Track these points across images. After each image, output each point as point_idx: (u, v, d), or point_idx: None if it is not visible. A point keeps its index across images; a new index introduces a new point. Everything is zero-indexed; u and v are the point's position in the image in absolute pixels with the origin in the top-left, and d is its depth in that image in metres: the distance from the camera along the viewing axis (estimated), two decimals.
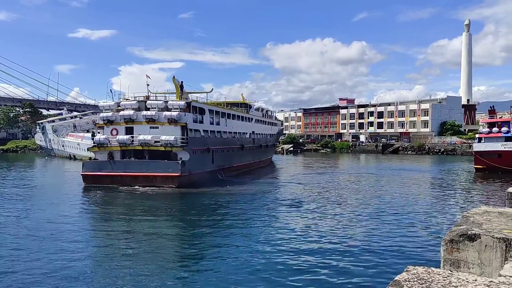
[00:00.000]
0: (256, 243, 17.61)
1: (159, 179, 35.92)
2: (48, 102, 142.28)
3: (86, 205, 28.75)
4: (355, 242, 17.58)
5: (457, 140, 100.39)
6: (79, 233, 19.78)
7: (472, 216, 5.73)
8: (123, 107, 40.06)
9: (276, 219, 23.25)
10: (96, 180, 36.97)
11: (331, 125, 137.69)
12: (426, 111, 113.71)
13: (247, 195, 32.28)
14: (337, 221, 22.11)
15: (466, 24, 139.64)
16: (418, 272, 3.33)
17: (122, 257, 15.68)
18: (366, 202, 28.65)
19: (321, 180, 43.11)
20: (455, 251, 4.36)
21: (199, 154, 39.92)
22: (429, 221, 22.13)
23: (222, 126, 47.92)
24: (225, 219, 23.25)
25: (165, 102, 39.82)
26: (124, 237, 18.79)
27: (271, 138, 72.44)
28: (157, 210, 26.20)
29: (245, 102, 63.61)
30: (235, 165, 50.22)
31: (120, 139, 38.17)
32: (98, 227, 21.93)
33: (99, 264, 14.97)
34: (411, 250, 16.35)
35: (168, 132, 37.75)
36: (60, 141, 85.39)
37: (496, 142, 50.43)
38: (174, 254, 16.67)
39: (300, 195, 31.94)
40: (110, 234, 19.76)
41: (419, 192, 34.47)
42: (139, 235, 19.12)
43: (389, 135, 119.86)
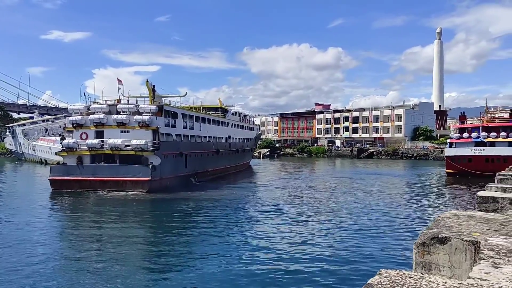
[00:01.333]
0: (227, 250, 17.37)
1: (129, 183, 35.43)
2: (19, 105, 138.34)
3: (52, 212, 27.87)
4: (329, 246, 17.72)
5: (430, 145, 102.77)
6: (44, 241, 19.04)
7: (443, 219, 5.86)
8: (93, 110, 39.47)
9: (249, 224, 23.12)
10: (64, 185, 36.19)
11: (307, 130, 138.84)
12: (399, 116, 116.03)
13: (220, 200, 32.02)
14: (311, 226, 22.23)
15: (437, 32, 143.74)
16: (390, 275, 3.37)
17: (89, 266, 15.16)
18: (340, 206, 28.95)
19: (296, 185, 43.33)
20: (427, 254, 4.43)
21: (171, 158, 39.54)
22: (402, 225, 22.53)
23: (196, 130, 47.61)
24: (195, 225, 22.89)
25: (136, 106, 39.41)
26: (91, 246, 18.08)
27: (249, 143, 72.41)
28: (126, 216, 25.53)
29: (221, 107, 63.47)
30: (210, 169, 49.88)
31: (90, 143, 37.57)
32: (64, 235, 21.16)
33: (66, 273, 14.47)
34: (384, 254, 16.60)
35: (139, 136, 37.34)
36: (31, 145, 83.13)
37: (467, 147, 51.87)
38: (143, 262, 16.19)
39: (275, 200, 32.00)
40: (77, 242, 19.09)
41: (392, 196, 35.06)
42: (106, 243, 18.51)
43: (364, 140, 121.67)
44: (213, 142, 52.79)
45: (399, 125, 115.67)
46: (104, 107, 39.40)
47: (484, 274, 3.51)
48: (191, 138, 46.37)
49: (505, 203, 8.10)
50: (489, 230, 5.22)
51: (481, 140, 51.44)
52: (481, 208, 8.04)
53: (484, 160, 49.79)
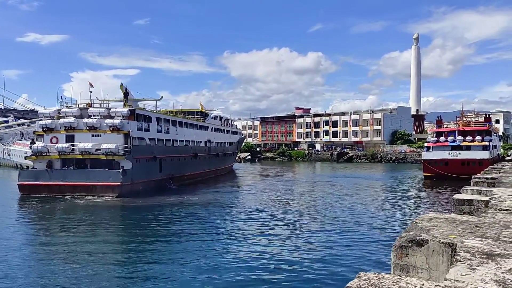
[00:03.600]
0: (200, 257, 17.00)
1: (99, 188, 34.95)
2: None
3: (18, 220, 26.74)
4: (308, 250, 17.75)
5: (407, 148, 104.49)
6: (7, 252, 17.89)
7: (421, 222, 5.94)
8: (64, 114, 38.84)
9: (225, 229, 22.91)
10: (33, 190, 35.50)
11: (287, 133, 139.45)
12: (378, 120, 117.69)
13: (195, 204, 31.67)
14: (289, 230, 22.18)
15: (415, 37, 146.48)
16: (369, 278, 3.39)
17: (57, 277, 14.49)
18: (319, 210, 29.10)
19: (276, 189, 43.39)
20: (405, 257, 4.48)
21: (144, 162, 39.13)
22: (380, 227, 22.79)
23: (172, 134, 47.21)
24: (166, 231, 22.42)
25: (107, 109, 38.97)
26: (58, 255, 17.15)
27: (231, 147, 72.14)
28: (95, 223, 24.74)
29: (201, 111, 63.17)
30: (188, 173, 49.48)
31: (59, 147, 36.97)
32: (31, 243, 20.29)
33: (36, 283, 13.90)
34: (363, 257, 16.74)
35: (110, 140, 36.90)
36: (6, 150, 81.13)
37: (443, 150, 52.95)
38: (112, 272, 15.32)
39: (254, 204, 31.96)
40: (43, 251, 18.18)
41: (371, 199, 35.46)
42: (74, 253, 17.63)
43: (343, 143, 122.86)
44: (191, 146, 52.43)
45: (377, 129, 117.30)
46: (75, 111, 38.82)
47: (461, 275, 3.57)
48: (167, 142, 45.96)
49: (480, 206, 8.28)
50: (465, 232, 5.32)
51: (457, 144, 52.58)
52: (457, 211, 8.20)
53: (460, 164, 50.90)
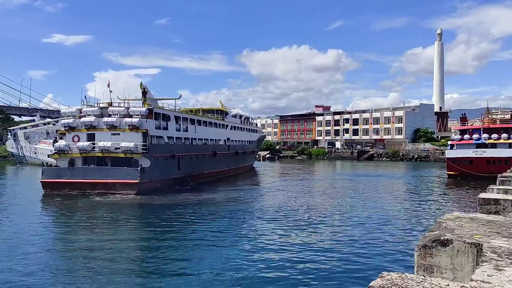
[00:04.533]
0: (219, 254, 17.05)
1: (118, 186, 35.58)
2: (20, 109, 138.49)
3: (41, 215, 27.48)
4: (330, 250, 17.62)
5: (430, 146, 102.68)
6: (31, 248, 18.33)
7: (445, 221, 5.84)
8: (85, 113, 39.63)
9: (245, 227, 22.88)
10: (55, 187, 36.44)
11: (307, 132, 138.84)
12: (400, 118, 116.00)
13: (213, 202, 31.76)
14: (311, 229, 22.03)
15: (438, 33, 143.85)
16: (392, 278, 3.35)
17: (79, 273, 14.75)
18: (340, 209, 28.88)
19: (296, 187, 43.27)
20: (428, 257, 4.42)
21: (162, 161, 39.54)
22: (403, 227, 22.47)
23: (190, 133, 47.56)
24: (183, 228, 22.40)
25: (126, 108, 39.58)
26: (80, 252, 17.42)
27: (251, 145, 72.17)
28: (115, 220, 25.02)
29: (221, 109, 63.43)
30: (206, 172, 49.70)
31: (81, 146, 37.81)
32: (52, 239, 20.72)
33: (55, 279, 14.10)
34: (386, 256, 16.53)
35: (129, 139, 37.48)
36: (32, 148, 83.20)
37: (468, 149, 51.80)
38: (132, 268, 15.53)
39: (274, 203, 31.93)
40: (65, 247, 18.58)
41: (393, 198, 35.01)
42: (96, 250, 17.85)
43: (364, 141, 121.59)
44: (210, 144, 52.63)
45: (399, 127, 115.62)
46: (96, 110, 39.61)
47: (487, 276, 3.49)
48: (185, 140, 46.31)
49: (507, 205, 8.08)
50: (491, 232, 5.20)
51: (482, 142, 51.38)
52: (483, 210, 8.02)
53: (485, 162, 49.72)
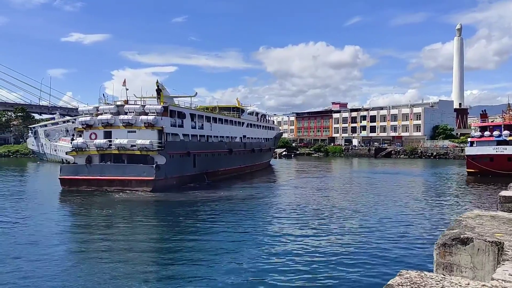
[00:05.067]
0: (237, 251, 17.04)
1: (134, 182, 36.05)
2: (41, 107, 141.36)
3: (59, 212, 27.93)
4: (348, 247, 17.52)
5: (449, 144, 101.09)
6: (51, 242, 18.80)
7: (465, 220, 5.76)
8: (102, 111, 40.20)
9: (261, 225, 22.84)
10: (73, 183, 37.12)
11: (324, 129, 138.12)
12: (418, 115, 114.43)
13: (229, 200, 31.73)
14: (328, 227, 21.95)
15: (457, 28, 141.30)
16: (411, 276, 3.33)
17: (97, 269, 14.90)
18: (358, 207, 28.68)
19: (313, 185, 43.13)
20: (448, 255, 4.37)
21: (177, 158, 39.87)
22: (422, 225, 22.21)
23: (206, 130, 47.76)
24: (199, 226, 22.38)
25: (142, 106, 40.00)
26: (99, 250, 17.46)
27: (267, 142, 72.13)
28: (131, 217, 25.26)
29: (237, 107, 63.54)
30: (222, 169, 49.84)
31: (97, 143, 38.38)
32: (69, 236, 21.01)
33: (74, 275, 14.28)
34: (404, 254, 16.38)
35: (145, 136, 37.88)
36: (52, 146, 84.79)
37: (488, 146, 50.84)
38: (147, 265, 15.54)
39: (290, 200, 31.89)
40: (84, 245, 18.84)
41: (411, 196, 34.60)
42: (110, 247, 17.94)
43: (381, 139, 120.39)
44: (226, 141, 52.78)
45: (418, 124, 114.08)
46: (112, 108, 40.15)
47: (508, 275, 3.44)
48: (201, 137, 46.55)
49: None
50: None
51: (503, 139, 50.35)
52: (504, 208, 7.88)
53: (506, 159, 48.74)
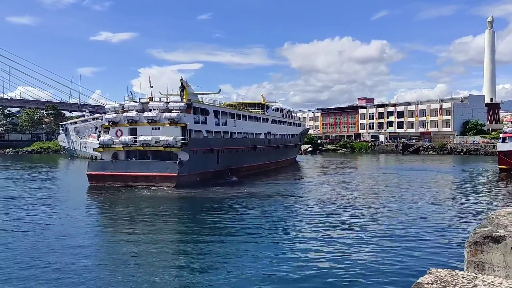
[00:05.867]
0: (261, 249, 16.96)
1: (158, 178, 36.60)
2: (71, 104, 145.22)
3: (86, 207, 28.54)
4: (377, 245, 17.30)
5: (480, 139, 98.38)
6: (78, 235, 19.37)
7: (497, 217, 5.61)
8: (127, 109, 40.91)
9: (285, 222, 22.71)
10: (100, 179, 38.07)
11: (349, 125, 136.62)
12: (448, 110, 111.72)
13: (253, 196, 31.70)
14: (356, 224, 21.69)
15: (489, 21, 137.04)
16: (441, 274, 3.28)
17: (124, 263, 15.20)
18: (386, 204, 28.28)
19: (339, 181, 42.78)
20: (479, 253, 4.27)
21: (200, 154, 40.22)
22: (452, 223, 21.73)
23: (230, 127, 47.95)
24: (222, 223, 22.22)
25: (166, 103, 40.43)
26: (126, 244, 17.82)
27: (293, 139, 71.91)
28: (155, 213, 25.53)
29: (262, 103, 63.50)
30: (246, 165, 49.93)
31: (123, 140, 39.10)
32: (95, 232, 21.23)
33: (104, 270, 14.51)
34: (434, 252, 16.07)
35: (169, 133, 38.33)
36: (82, 142, 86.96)
37: None
38: (173, 260, 15.67)
39: (316, 197, 31.70)
40: (111, 238, 19.31)
41: (441, 193, 33.89)
42: (141, 239, 18.32)
43: (409, 135, 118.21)
44: (250, 138, 52.88)
45: (447, 119, 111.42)
46: (137, 105, 40.82)
47: None
48: (224, 134, 46.77)
49: None
50: None
51: None
52: None
53: None
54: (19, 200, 29.80)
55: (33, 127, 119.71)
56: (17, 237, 18.93)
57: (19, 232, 19.78)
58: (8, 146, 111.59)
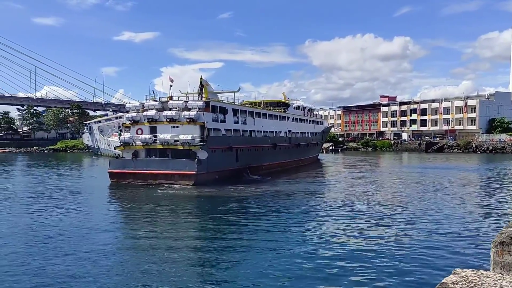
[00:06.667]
0: (280, 246, 16.98)
1: (177, 176, 37.01)
2: (95, 104, 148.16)
3: (107, 205, 29.16)
4: (399, 245, 17.08)
5: (507, 137, 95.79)
6: (99, 232, 19.75)
7: None
8: (147, 108, 41.44)
9: (305, 220, 22.59)
10: (121, 177, 38.81)
11: (371, 123, 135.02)
12: (473, 107, 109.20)
13: (271, 195, 31.55)
14: (379, 223, 21.46)
15: None
16: (467, 275, 3.25)
17: (144, 258, 15.43)
18: (409, 203, 27.87)
19: (361, 180, 42.37)
20: (506, 254, 4.20)
21: (219, 152, 40.46)
22: (478, 222, 21.28)
23: (249, 125, 48.04)
24: (240, 221, 22.21)
25: (185, 102, 40.76)
26: (145, 241, 18.10)
27: (314, 137, 71.52)
28: (176, 210, 25.83)
29: (282, 101, 63.32)
30: (266, 164, 49.86)
31: (143, 138, 39.73)
32: (118, 229, 21.54)
33: (125, 267, 14.68)
34: (459, 252, 15.78)
35: (188, 132, 38.68)
36: (106, 141, 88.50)
37: None
38: (193, 259, 15.65)
39: (337, 196, 31.46)
40: (132, 235, 19.62)
41: (466, 192, 33.20)
42: (159, 241, 18.24)
43: (433, 133, 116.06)
44: (270, 136, 52.82)
45: (472, 117, 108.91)
46: (157, 104, 41.29)
47: None
48: (244, 132, 46.90)
49: None
50: None
51: None
52: None
53: None
54: (44, 196, 30.69)
55: (58, 126, 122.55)
56: (43, 231, 19.51)
57: (45, 227, 20.39)
58: (35, 144, 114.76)
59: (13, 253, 16.12)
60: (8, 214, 24.28)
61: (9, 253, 16.11)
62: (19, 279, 13.18)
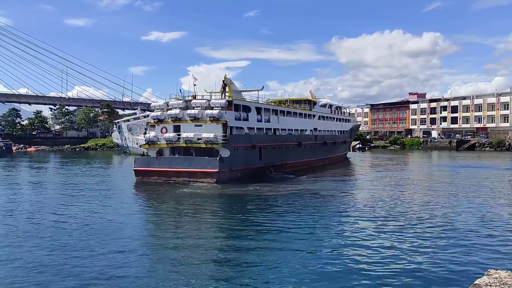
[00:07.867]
0: (303, 247, 16.81)
1: (200, 174, 37.48)
2: (123, 103, 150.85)
3: (131, 202, 29.72)
4: (432, 244, 16.80)
5: None
6: (124, 230, 20.22)
7: None
8: (171, 106, 41.95)
9: (327, 221, 22.28)
10: (145, 174, 39.65)
11: (400, 121, 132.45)
12: (506, 104, 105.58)
13: (295, 194, 31.22)
14: (409, 223, 21.08)
15: None
16: (501, 276, 3.21)
17: (167, 256, 15.66)
18: (440, 202, 27.28)
19: (390, 179, 41.70)
20: None
21: (242, 151, 40.61)
22: (510, 223, 20.66)
23: (273, 123, 47.89)
24: (262, 220, 22.11)
25: (208, 101, 41.02)
26: (172, 238, 18.37)
27: (342, 135, 70.73)
28: (199, 208, 26.19)
29: (308, 99, 62.81)
30: (290, 162, 49.49)
31: (167, 137, 40.31)
32: (142, 227, 21.90)
33: (149, 265, 14.90)
34: (491, 254, 15.40)
35: (210, 130, 39.00)
36: (134, 139, 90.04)
37: None
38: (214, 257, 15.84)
39: (364, 196, 31.03)
40: (158, 233, 19.92)
41: (498, 191, 32.25)
42: (183, 239, 18.42)
43: (464, 130, 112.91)
44: (295, 134, 52.55)
45: (505, 114, 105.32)
46: (181, 103, 41.71)
47: None
48: (267, 131, 46.80)
49: None
50: None
51: None
52: None
53: None
54: (75, 194, 31.69)
55: (89, 124, 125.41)
56: (71, 227, 20.24)
57: (75, 223, 21.07)
58: (67, 143, 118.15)
59: (36, 246, 16.86)
60: (41, 209, 25.24)
61: (33, 246, 16.88)
62: (42, 272, 13.75)
